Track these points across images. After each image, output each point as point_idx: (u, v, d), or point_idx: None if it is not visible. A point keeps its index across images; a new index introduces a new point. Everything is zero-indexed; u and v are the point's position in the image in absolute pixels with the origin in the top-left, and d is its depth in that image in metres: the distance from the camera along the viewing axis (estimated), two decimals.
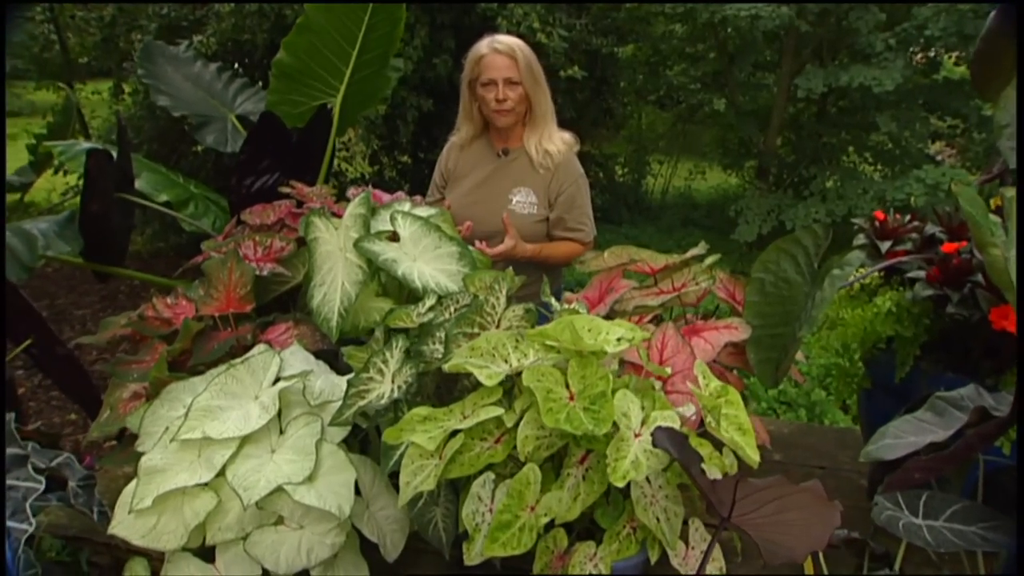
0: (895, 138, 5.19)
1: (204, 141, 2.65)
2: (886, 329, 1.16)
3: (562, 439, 0.75)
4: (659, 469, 0.71)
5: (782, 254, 1.20)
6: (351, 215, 1.22)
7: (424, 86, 4.32)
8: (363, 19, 2.19)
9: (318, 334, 1.25)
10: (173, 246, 5.41)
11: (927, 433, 0.90)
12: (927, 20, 4.41)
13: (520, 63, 1.84)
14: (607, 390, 0.73)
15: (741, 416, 0.79)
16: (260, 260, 1.38)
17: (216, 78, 2.94)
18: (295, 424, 1.01)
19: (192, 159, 4.81)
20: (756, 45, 5.96)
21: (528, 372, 0.79)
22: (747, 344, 1.25)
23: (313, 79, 2.26)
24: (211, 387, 1.00)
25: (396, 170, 6.50)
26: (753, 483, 0.61)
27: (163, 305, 1.24)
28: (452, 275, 1.21)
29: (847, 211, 4.80)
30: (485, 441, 0.85)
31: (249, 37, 3.81)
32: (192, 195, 2.36)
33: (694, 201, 9.34)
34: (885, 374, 1.24)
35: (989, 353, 1.10)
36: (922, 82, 5.50)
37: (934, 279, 1.11)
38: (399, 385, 0.96)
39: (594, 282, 1.46)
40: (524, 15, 3.89)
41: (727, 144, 8.20)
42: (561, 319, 0.84)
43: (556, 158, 1.91)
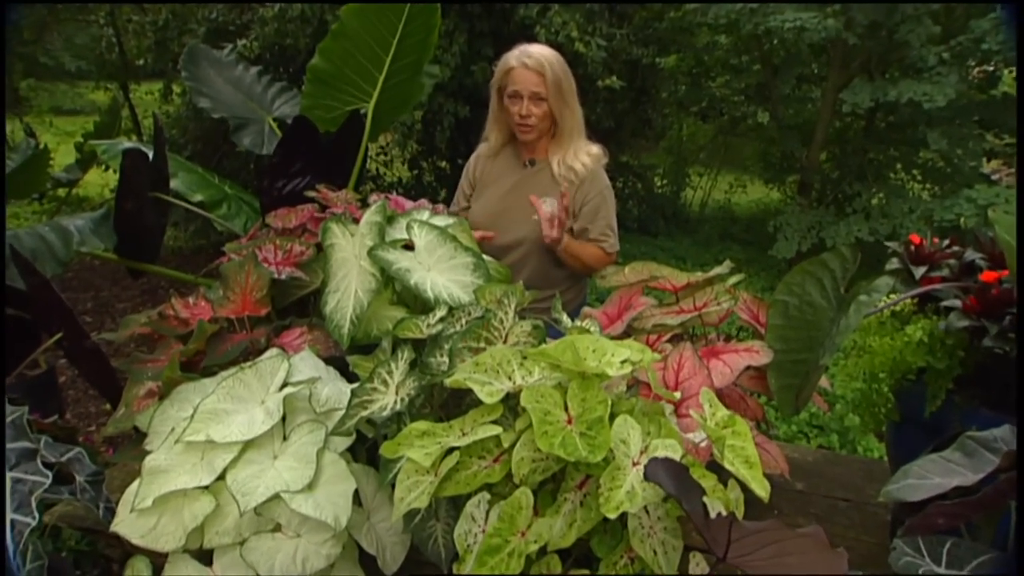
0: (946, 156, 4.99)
1: (241, 143, 2.71)
2: (917, 360, 1.10)
3: (558, 463, 0.73)
4: (657, 500, 0.68)
5: (807, 277, 1.15)
6: (367, 222, 1.22)
7: (461, 93, 4.34)
8: (398, 26, 2.20)
9: (331, 340, 1.25)
10: (214, 243, 5.56)
11: (954, 475, 0.85)
12: (985, 33, 4.23)
13: (548, 79, 1.81)
14: (604, 415, 0.70)
15: (748, 448, 0.76)
16: (280, 264, 1.39)
17: (256, 81, 3.01)
18: (299, 431, 1.00)
19: (234, 159, 4.94)
20: (801, 57, 5.82)
21: (527, 392, 0.77)
22: (768, 369, 1.20)
23: (347, 84, 2.28)
24: (219, 390, 1.01)
25: (434, 175, 6.55)
26: (747, 526, 0.58)
27: (182, 305, 1.26)
28: (465, 286, 1.19)
29: (891, 230, 4.62)
30: (483, 460, 0.83)
31: (291, 42, 3.90)
32: (226, 196, 2.41)
33: (734, 215, 9.17)
34: (915, 406, 1.17)
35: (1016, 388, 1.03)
36: (978, 98, 5.28)
37: (971, 309, 1.05)
38: (403, 397, 0.95)
39: (614, 298, 1.43)
40: (563, 24, 3.87)
41: (769, 158, 8.03)
42: (564, 339, 0.82)
43: (580, 174, 1.88)
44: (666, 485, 0.59)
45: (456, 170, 6.24)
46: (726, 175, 9.43)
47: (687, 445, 0.84)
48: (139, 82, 7.60)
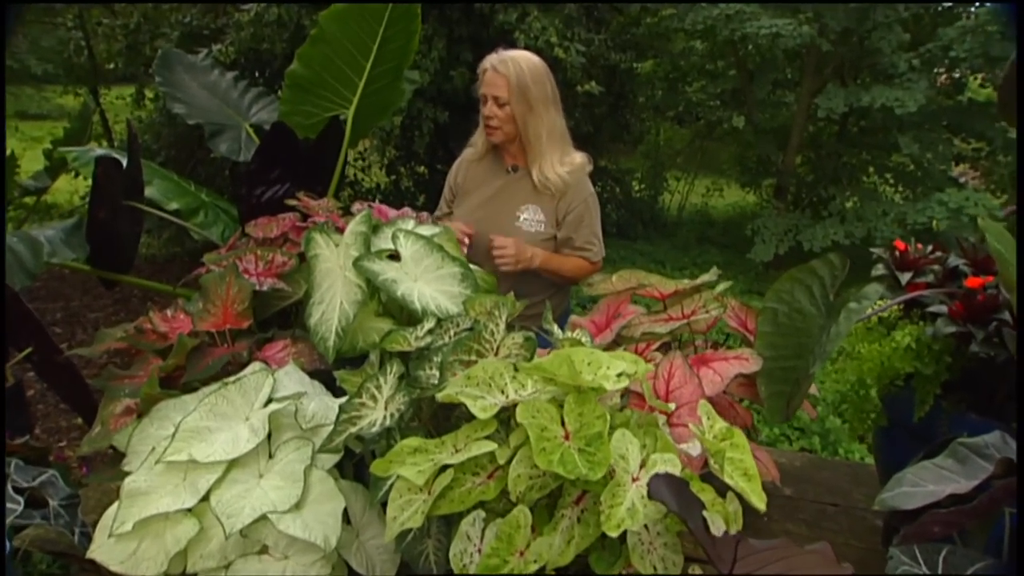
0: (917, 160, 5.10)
1: (218, 149, 2.66)
2: (904, 365, 1.11)
3: (556, 480, 0.71)
4: (658, 517, 0.67)
5: (796, 284, 1.16)
6: (351, 232, 1.19)
7: (441, 98, 4.32)
8: (378, 31, 2.18)
9: (315, 353, 1.22)
10: (189, 251, 5.45)
11: (948, 482, 0.85)
12: (952, 41, 4.33)
13: (511, 84, 1.80)
14: (604, 431, 0.69)
15: (747, 460, 0.75)
16: (261, 275, 1.36)
17: (232, 87, 2.95)
18: (285, 448, 0.97)
19: (209, 166, 4.85)
20: (776, 63, 5.91)
21: (522, 407, 0.76)
22: (758, 376, 1.20)
23: (326, 90, 2.25)
24: (201, 407, 0.98)
25: (413, 180, 6.51)
26: (755, 544, 0.57)
27: (160, 319, 1.22)
28: (453, 297, 1.17)
29: (866, 233, 4.71)
30: (477, 476, 0.81)
31: (268, 47, 3.84)
32: (202, 203, 2.35)
33: (711, 218, 9.27)
34: (902, 412, 1.18)
35: (1016, 395, 1.04)
36: (946, 103, 5.41)
37: (957, 315, 1.06)
38: (392, 412, 0.93)
39: (601, 306, 1.42)
40: (542, 29, 3.88)
41: (745, 162, 8.14)
42: (559, 352, 0.81)
43: (558, 184, 1.85)
44: (669, 503, 0.58)
45: (435, 175, 6.21)
46: (703, 179, 9.54)
47: (681, 457, 0.83)
48: (109, 87, 7.44)
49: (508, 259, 1.76)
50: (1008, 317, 1.00)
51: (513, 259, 1.76)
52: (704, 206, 9.42)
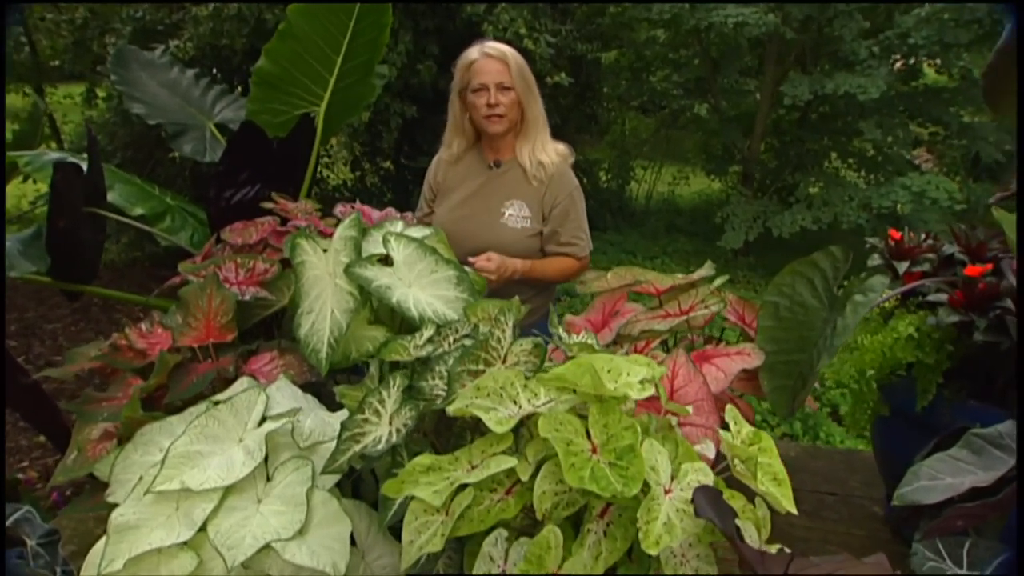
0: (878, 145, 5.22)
1: (181, 150, 2.55)
2: (906, 355, 1.11)
3: (585, 496, 0.68)
4: (697, 531, 0.64)
5: (798, 277, 1.15)
6: (341, 238, 1.14)
7: (407, 92, 4.23)
8: (348, 25, 2.11)
9: (305, 364, 1.17)
10: (149, 256, 5.26)
11: (965, 474, 0.85)
12: (910, 29, 4.43)
13: (512, 68, 1.79)
14: (635, 443, 0.66)
15: (775, 464, 0.73)
16: (242, 283, 1.29)
17: (193, 85, 2.84)
18: (283, 470, 0.92)
19: (169, 167, 4.67)
20: (740, 51, 5.96)
21: (544, 420, 0.72)
22: (760, 371, 1.19)
23: (296, 87, 2.17)
24: (190, 430, 0.92)
25: (378, 176, 6.41)
26: (811, 561, 0.55)
27: (137, 335, 1.15)
28: (450, 302, 1.13)
29: (833, 218, 4.80)
30: (495, 493, 0.77)
31: (227, 42, 3.70)
32: (168, 208, 2.25)
33: (677, 207, 9.35)
34: (902, 401, 1.19)
35: (1017, 382, 1.05)
36: (903, 89, 5.54)
37: (957, 304, 1.06)
38: (398, 428, 0.88)
39: (596, 304, 1.39)
40: (511, 21, 3.82)
41: (710, 150, 8.22)
42: (579, 360, 0.77)
43: (550, 169, 1.85)
44: (716, 520, 0.55)
45: (401, 171, 6.12)
46: (669, 168, 9.61)
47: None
48: (55, 85, 7.11)
49: (490, 275, 1.71)
50: (1010, 304, 1.00)
51: (495, 275, 1.71)
52: (671, 194, 9.50)
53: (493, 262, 1.71)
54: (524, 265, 1.79)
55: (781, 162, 6.30)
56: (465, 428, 0.95)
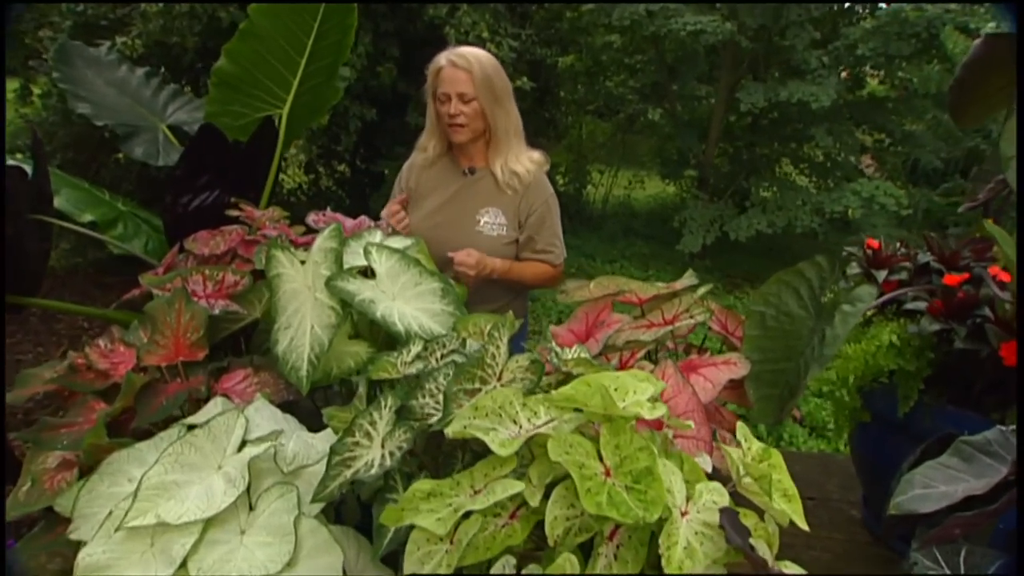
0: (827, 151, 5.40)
1: (133, 153, 2.42)
2: (888, 363, 1.13)
3: (600, 522, 0.66)
4: (718, 556, 0.63)
5: (783, 287, 1.15)
6: (321, 249, 1.08)
7: (367, 95, 4.15)
8: (313, 26, 2.04)
9: (281, 382, 1.11)
10: (92, 262, 4.99)
11: (958, 482, 0.86)
12: (857, 40, 4.61)
13: (476, 77, 1.74)
14: (652, 465, 0.64)
15: (785, 481, 0.72)
16: (211, 297, 1.23)
17: (144, 84, 2.70)
18: (267, 497, 0.87)
19: (114, 169, 4.46)
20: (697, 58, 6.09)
21: (553, 443, 0.69)
22: (746, 380, 1.19)
23: (257, 89, 2.09)
24: (164, 458, 0.85)
25: (333, 179, 6.28)
26: None
27: (98, 354, 1.07)
28: (436, 315, 1.09)
29: (787, 222, 4.94)
30: (499, 518, 0.74)
31: (178, 40, 3.54)
32: (120, 214, 2.13)
33: (634, 210, 9.48)
34: (882, 407, 1.21)
35: (992, 388, 1.08)
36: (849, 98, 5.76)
37: (937, 312, 1.09)
38: (391, 451, 0.84)
39: (579, 314, 1.37)
40: (473, 24, 3.79)
41: (665, 154, 8.36)
42: (586, 379, 0.75)
43: (525, 179, 1.82)
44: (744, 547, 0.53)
45: (357, 174, 6.01)
46: (625, 172, 9.74)
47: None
48: None
49: (468, 270, 1.68)
50: (989, 313, 1.03)
51: (474, 271, 1.68)
52: (627, 198, 9.62)
53: (473, 258, 1.68)
54: (503, 265, 1.76)
55: (735, 167, 6.46)
56: (455, 447, 0.92)
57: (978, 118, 1.35)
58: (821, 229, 4.79)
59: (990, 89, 1.28)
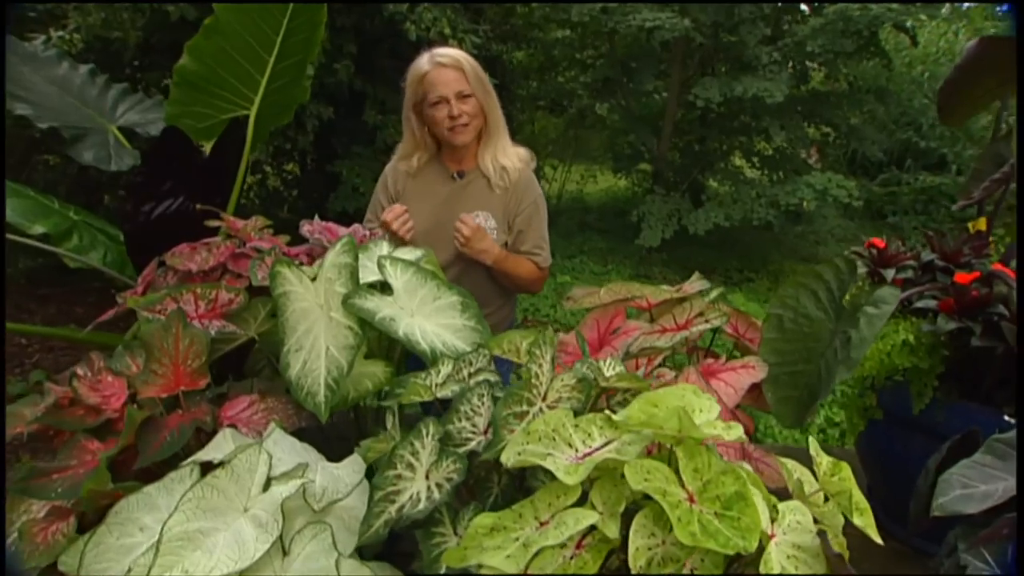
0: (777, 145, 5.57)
1: (81, 158, 2.24)
2: (903, 361, 1.14)
3: (687, 552, 0.63)
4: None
5: (801, 289, 1.15)
6: (334, 265, 1.01)
7: (324, 93, 4.01)
8: (282, 23, 1.93)
9: (291, 407, 1.04)
10: (24, 272, 4.65)
11: (997, 480, 0.87)
12: (806, 38, 4.76)
13: (468, 73, 1.70)
14: (743, 490, 0.61)
15: (857, 494, 0.71)
16: (203, 317, 1.14)
17: (89, 83, 2.52)
18: (300, 540, 0.80)
19: (45, 172, 4.16)
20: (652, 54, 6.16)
21: (631, 469, 0.66)
22: (764, 383, 1.19)
23: (223, 89, 1.97)
24: (184, 505, 0.78)
25: (280, 179, 6.08)
26: None
27: (86, 388, 0.97)
28: (458, 331, 1.04)
29: (743, 215, 5.06)
30: (565, 548, 0.70)
31: (120, 35, 3.32)
32: (74, 224, 1.97)
33: (587, 205, 9.55)
34: (893, 404, 1.23)
35: (1003, 383, 1.11)
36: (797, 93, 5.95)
37: (950, 310, 1.11)
38: (437, 482, 0.79)
39: (589, 321, 1.34)
40: (434, 20, 3.70)
41: (617, 149, 8.45)
42: (653, 398, 0.72)
43: (514, 175, 1.78)
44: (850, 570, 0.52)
45: (307, 173, 5.83)
46: (577, 166, 9.80)
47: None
48: None
49: (462, 238, 1.65)
50: (1004, 310, 1.05)
51: (469, 239, 1.66)
52: (580, 193, 9.69)
53: (469, 227, 1.65)
54: (499, 251, 1.72)
55: (688, 161, 6.58)
56: (489, 469, 0.88)
57: (965, 117, 1.39)
58: (777, 221, 4.94)
59: (980, 90, 1.32)
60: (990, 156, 1.29)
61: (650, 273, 6.43)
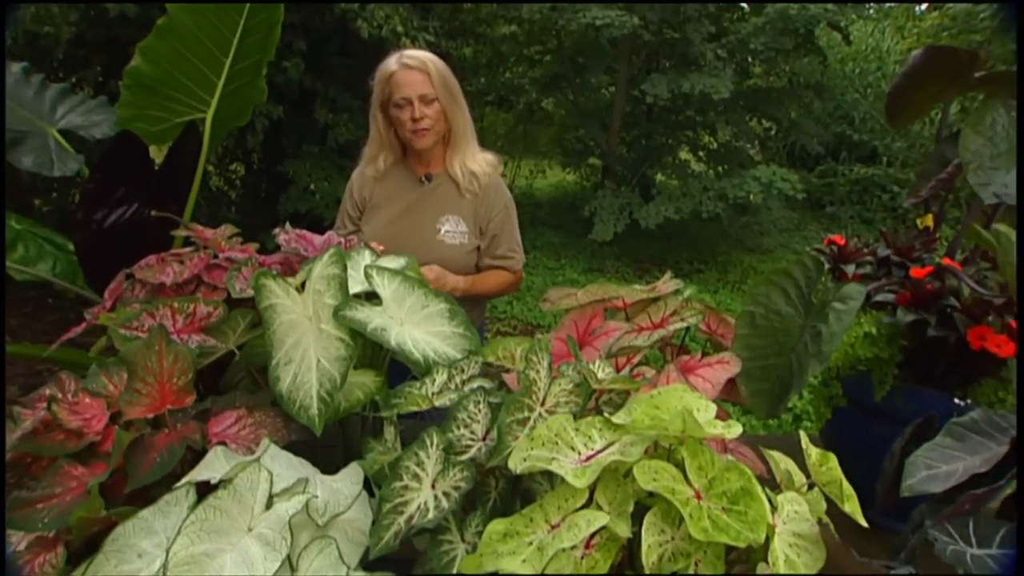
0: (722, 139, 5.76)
1: (21, 163, 2.12)
2: (866, 352, 1.22)
3: (697, 547, 0.66)
4: (815, 566, 0.65)
5: (772, 287, 1.21)
6: (323, 276, 1.01)
7: (273, 91, 3.90)
8: (238, 23, 1.88)
9: (280, 421, 1.03)
10: None
11: (957, 461, 0.95)
12: (749, 36, 4.93)
13: (433, 77, 1.70)
14: (749, 485, 0.65)
15: (844, 483, 0.76)
16: (182, 332, 1.12)
17: (23, 82, 2.38)
18: (307, 556, 0.80)
19: None
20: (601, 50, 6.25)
21: (640, 469, 0.69)
22: (738, 377, 1.25)
23: (178, 91, 1.90)
24: (187, 528, 0.76)
25: (224, 179, 5.90)
26: None
27: (67, 411, 0.94)
28: (448, 338, 1.05)
29: (693, 208, 5.21)
30: (575, 549, 0.73)
31: (51, 31, 3.14)
32: (18, 233, 1.88)
33: (537, 200, 9.64)
34: (856, 392, 1.31)
35: (953, 368, 1.19)
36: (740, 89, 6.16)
37: (907, 303, 1.18)
38: (444, 491, 0.80)
39: (567, 322, 1.37)
40: (386, 18, 3.65)
41: (565, 144, 8.55)
42: (654, 401, 0.75)
43: (483, 180, 1.79)
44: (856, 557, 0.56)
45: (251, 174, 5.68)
46: (527, 162, 9.86)
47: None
48: None
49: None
50: (955, 302, 1.14)
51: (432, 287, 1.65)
52: (530, 188, 9.76)
53: (433, 273, 1.64)
54: (465, 282, 1.72)
55: (636, 155, 6.72)
56: (486, 474, 0.89)
57: (911, 120, 1.48)
58: (725, 214, 5.11)
59: (924, 95, 1.41)
60: (936, 157, 1.38)
61: (603, 267, 6.54)
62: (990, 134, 1.12)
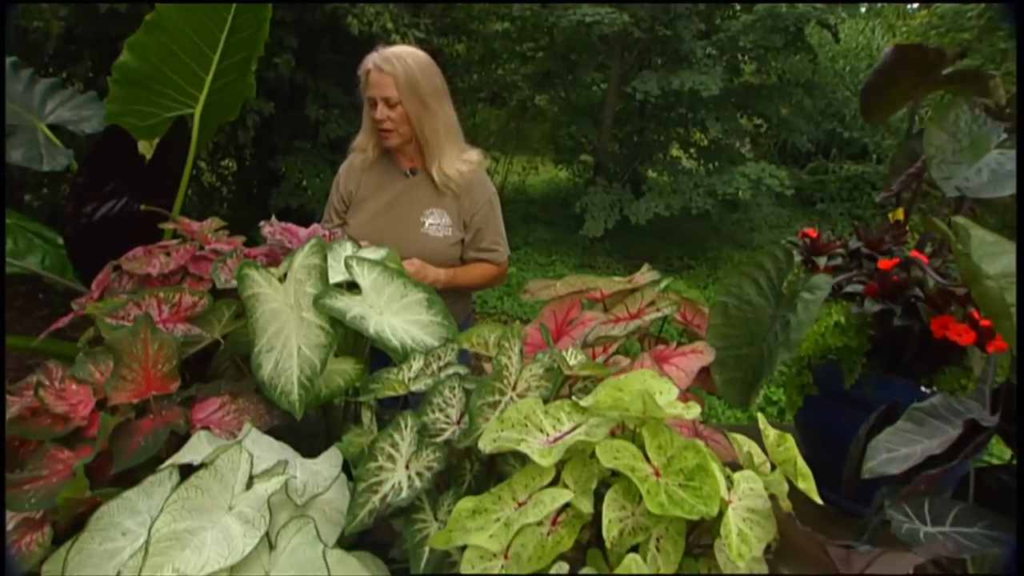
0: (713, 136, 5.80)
1: (9, 158, 2.14)
2: (835, 341, 1.25)
3: (656, 521, 0.70)
4: (768, 540, 0.68)
5: (744, 278, 1.24)
6: (304, 266, 1.04)
7: (264, 87, 3.92)
8: (227, 19, 1.90)
9: (262, 407, 1.06)
10: None
11: (915, 444, 0.98)
12: (739, 33, 4.97)
13: (400, 81, 1.71)
14: (704, 463, 0.68)
15: (800, 462, 0.80)
16: (168, 321, 1.14)
17: (13, 77, 2.39)
18: (285, 534, 0.83)
19: None
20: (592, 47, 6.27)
21: (602, 449, 0.72)
22: (712, 366, 1.28)
23: (166, 87, 1.92)
24: (169, 506, 0.79)
25: (215, 175, 5.91)
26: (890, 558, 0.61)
27: (53, 397, 0.96)
28: (426, 327, 1.08)
29: (683, 205, 5.25)
30: (542, 526, 0.76)
31: (41, 24, 3.14)
32: (7, 228, 1.89)
33: (530, 196, 9.66)
34: (827, 380, 1.34)
35: (919, 357, 1.23)
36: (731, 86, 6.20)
37: (875, 293, 1.22)
38: (417, 471, 0.83)
39: (546, 313, 1.40)
40: (376, 15, 3.67)
41: (557, 140, 8.57)
42: (619, 384, 0.78)
43: (459, 181, 1.81)
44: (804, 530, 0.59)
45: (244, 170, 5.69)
46: (519, 158, 9.88)
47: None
48: None
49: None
50: (920, 293, 1.17)
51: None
52: (522, 184, 9.78)
53: (413, 266, 1.67)
54: (447, 275, 1.75)
55: (627, 152, 6.75)
56: (461, 456, 0.93)
57: (885, 115, 1.52)
58: (715, 210, 5.16)
59: (896, 91, 1.45)
60: (906, 153, 1.41)
61: (594, 263, 6.58)
62: (953, 130, 1.15)
